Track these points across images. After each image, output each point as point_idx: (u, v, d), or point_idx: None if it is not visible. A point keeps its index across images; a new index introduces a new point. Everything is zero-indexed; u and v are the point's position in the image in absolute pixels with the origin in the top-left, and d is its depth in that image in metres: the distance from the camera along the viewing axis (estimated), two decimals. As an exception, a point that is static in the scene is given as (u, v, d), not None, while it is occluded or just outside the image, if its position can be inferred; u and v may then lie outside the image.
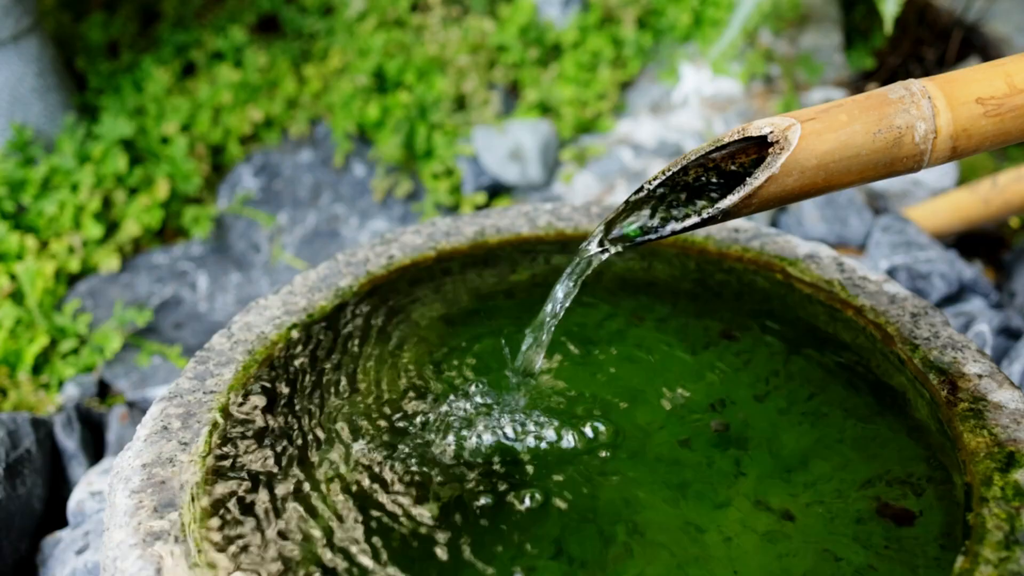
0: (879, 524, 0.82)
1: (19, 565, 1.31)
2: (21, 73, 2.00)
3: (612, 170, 2.18)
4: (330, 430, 0.93)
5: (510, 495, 0.86)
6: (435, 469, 0.89)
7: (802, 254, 1.16)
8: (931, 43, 2.46)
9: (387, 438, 0.92)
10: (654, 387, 1.00)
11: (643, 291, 1.16)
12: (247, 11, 2.52)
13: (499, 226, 1.24)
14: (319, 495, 0.85)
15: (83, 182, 1.95)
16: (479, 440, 0.92)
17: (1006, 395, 0.90)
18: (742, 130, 0.82)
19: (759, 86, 2.36)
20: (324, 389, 0.98)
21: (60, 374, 1.71)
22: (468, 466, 0.89)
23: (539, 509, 0.85)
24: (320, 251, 2.07)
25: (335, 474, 0.88)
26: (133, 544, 0.78)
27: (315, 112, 2.27)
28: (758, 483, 0.88)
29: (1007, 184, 1.85)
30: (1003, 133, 0.82)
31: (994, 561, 0.74)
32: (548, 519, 0.84)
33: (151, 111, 2.19)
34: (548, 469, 0.89)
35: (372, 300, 1.12)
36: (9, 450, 1.34)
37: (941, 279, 1.71)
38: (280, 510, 0.83)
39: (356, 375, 1.01)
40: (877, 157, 0.80)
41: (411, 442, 0.92)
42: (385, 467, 0.89)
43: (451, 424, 0.94)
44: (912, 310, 1.05)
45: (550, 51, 2.48)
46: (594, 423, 0.94)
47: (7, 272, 1.83)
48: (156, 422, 0.92)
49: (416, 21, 2.51)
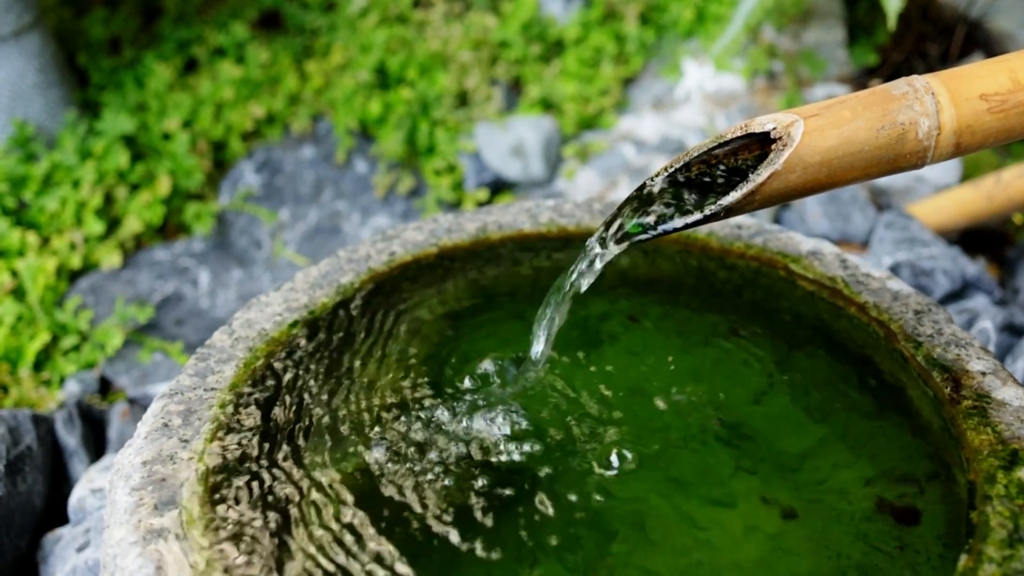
0: (882, 522, 0.82)
1: (19, 562, 1.31)
2: (22, 69, 2.00)
3: (614, 166, 2.18)
4: (332, 427, 0.93)
5: (510, 491, 0.86)
6: (437, 465, 0.89)
7: (805, 251, 1.15)
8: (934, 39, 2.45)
9: (389, 435, 0.92)
10: (656, 384, 0.99)
11: (645, 288, 1.15)
12: (249, 7, 2.52)
13: (501, 223, 1.24)
14: (320, 493, 0.85)
15: (84, 178, 1.95)
16: (480, 437, 0.92)
17: (1010, 392, 0.90)
18: (745, 126, 0.81)
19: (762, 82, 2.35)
20: (325, 386, 0.98)
21: (61, 371, 1.71)
22: (470, 463, 0.89)
23: (540, 507, 0.85)
24: (322, 247, 2.07)
25: (337, 471, 0.88)
26: (133, 541, 0.78)
27: (317, 108, 2.27)
28: (760, 481, 0.87)
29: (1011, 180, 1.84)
30: (1007, 129, 0.81)
31: (998, 559, 0.73)
32: (549, 517, 0.84)
33: (153, 107, 2.18)
34: (549, 466, 0.89)
35: (374, 297, 1.11)
36: (10, 447, 1.34)
37: (944, 276, 1.71)
38: (281, 507, 0.83)
39: (358, 372, 1.01)
40: (880, 153, 0.79)
41: (413, 439, 0.92)
42: (387, 464, 0.89)
43: (452, 421, 0.94)
44: (915, 307, 1.04)
45: (552, 47, 2.47)
46: (595, 421, 0.94)
47: (8, 268, 1.82)
48: (157, 419, 0.91)
49: (418, 17, 2.50)
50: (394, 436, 0.92)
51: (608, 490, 0.87)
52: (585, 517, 0.84)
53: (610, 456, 0.90)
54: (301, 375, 0.99)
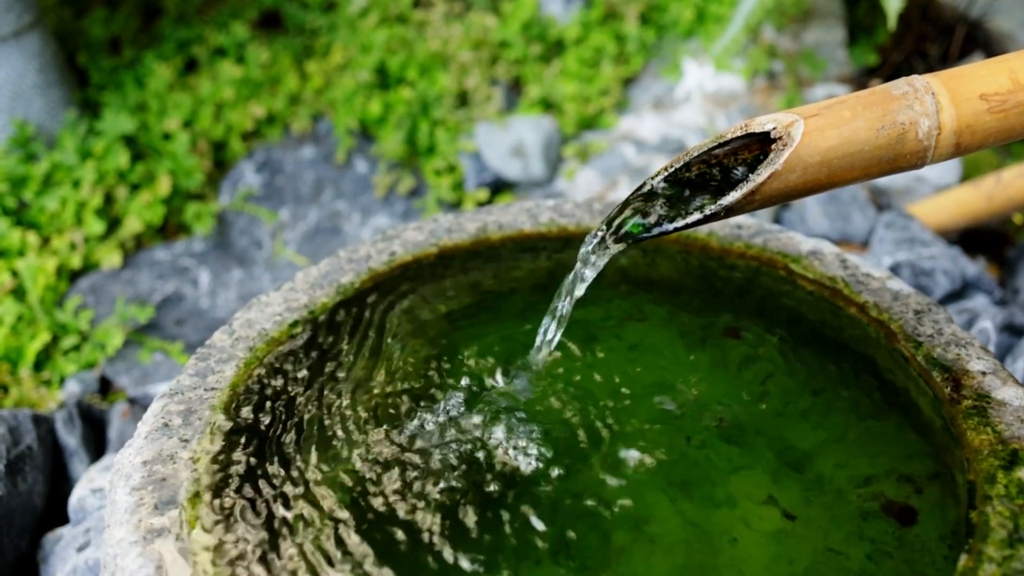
0: (882, 522, 0.82)
1: (20, 562, 1.31)
2: (23, 69, 2.00)
3: (614, 166, 2.18)
4: (331, 427, 0.93)
5: (511, 492, 0.86)
6: (436, 465, 0.89)
7: (805, 251, 1.15)
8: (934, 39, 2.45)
9: (389, 434, 0.92)
10: (656, 384, 0.99)
11: (645, 288, 1.15)
12: (249, 7, 2.52)
13: (501, 222, 1.24)
14: (320, 492, 0.85)
15: (85, 178, 1.95)
16: (480, 436, 0.92)
17: (1010, 392, 0.90)
18: (745, 126, 0.81)
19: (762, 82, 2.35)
20: (325, 386, 0.98)
21: (61, 371, 1.71)
22: (469, 462, 0.89)
23: (540, 506, 0.85)
24: (322, 247, 2.07)
25: (337, 471, 0.88)
26: (133, 541, 0.78)
27: (317, 108, 2.27)
28: (761, 481, 0.87)
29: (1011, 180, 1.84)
30: (1007, 129, 0.81)
31: (998, 559, 0.73)
32: (549, 517, 0.84)
33: (153, 107, 2.18)
34: (549, 467, 0.89)
35: (374, 297, 1.11)
36: (10, 447, 1.34)
37: (944, 276, 1.71)
38: (281, 507, 0.83)
39: (357, 371, 1.01)
40: (880, 153, 0.79)
41: (413, 438, 0.92)
42: (387, 463, 0.89)
43: (452, 420, 0.94)
44: (915, 307, 1.04)
45: (552, 47, 2.47)
46: (595, 421, 0.94)
47: (9, 268, 1.82)
48: (157, 419, 0.91)
49: (418, 17, 2.50)
50: (394, 436, 0.92)
51: (608, 490, 0.87)
52: (585, 517, 0.84)
53: (610, 456, 0.90)
54: (301, 375, 0.99)
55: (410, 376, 1.01)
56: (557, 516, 0.84)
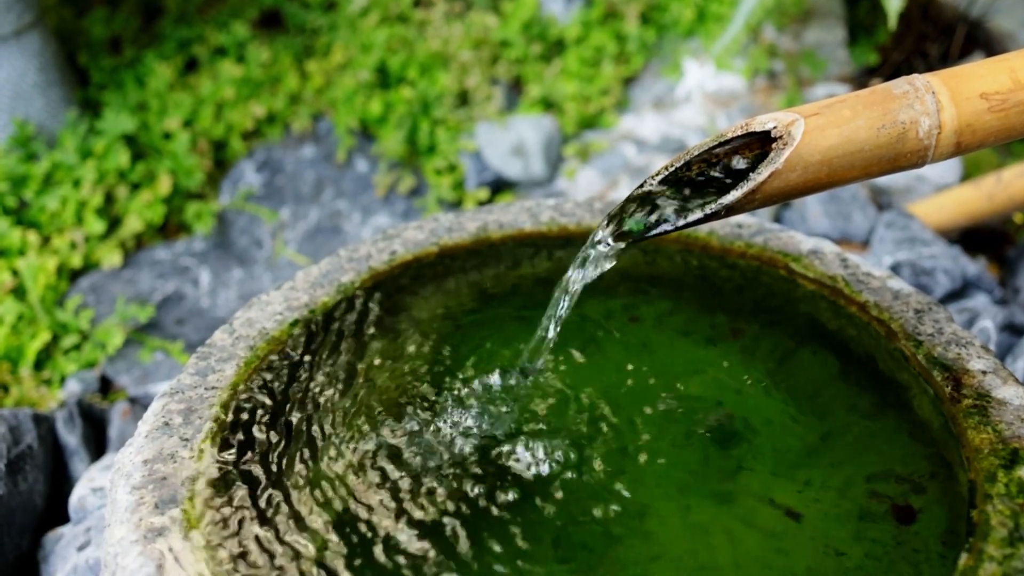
0: (883, 521, 0.82)
1: (20, 561, 1.31)
2: (23, 69, 2.00)
3: (615, 166, 2.18)
4: (332, 426, 0.93)
5: (511, 492, 0.86)
6: (436, 464, 0.89)
7: (806, 250, 1.16)
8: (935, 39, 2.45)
9: (389, 434, 0.92)
10: (656, 383, 0.99)
11: (646, 287, 1.15)
12: (249, 6, 2.52)
13: (502, 222, 1.24)
14: (321, 491, 0.85)
15: (85, 178, 1.95)
16: (480, 436, 0.92)
17: (1010, 391, 0.90)
18: (745, 125, 0.81)
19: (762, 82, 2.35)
20: (326, 385, 0.98)
21: (62, 370, 1.71)
22: (469, 462, 0.89)
23: (541, 506, 0.85)
24: (322, 247, 2.07)
25: (337, 470, 0.88)
26: (134, 540, 0.78)
27: (317, 108, 2.27)
28: (761, 479, 0.87)
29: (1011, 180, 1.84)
30: (1007, 128, 0.81)
31: (998, 558, 0.73)
32: (549, 516, 0.84)
33: (153, 107, 2.18)
34: (549, 467, 0.89)
35: (374, 296, 1.11)
36: (11, 446, 1.34)
37: (945, 275, 1.71)
38: (282, 506, 0.83)
39: (358, 371, 1.01)
40: (881, 152, 0.79)
41: (413, 438, 0.92)
42: (387, 463, 0.89)
43: (452, 420, 0.94)
44: (916, 306, 1.04)
45: (553, 47, 2.47)
46: (595, 420, 0.94)
47: (9, 268, 1.82)
48: (157, 418, 0.91)
49: (419, 16, 2.50)
50: (394, 436, 0.92)
51: (608, 489, 0.87)
52: (585, 516, 0.84)
53: (610, 455, 0.90)
54: (302, 374, 0.99)
55: (411, 375, 1.01)
56: (556, 516, 0.84)
